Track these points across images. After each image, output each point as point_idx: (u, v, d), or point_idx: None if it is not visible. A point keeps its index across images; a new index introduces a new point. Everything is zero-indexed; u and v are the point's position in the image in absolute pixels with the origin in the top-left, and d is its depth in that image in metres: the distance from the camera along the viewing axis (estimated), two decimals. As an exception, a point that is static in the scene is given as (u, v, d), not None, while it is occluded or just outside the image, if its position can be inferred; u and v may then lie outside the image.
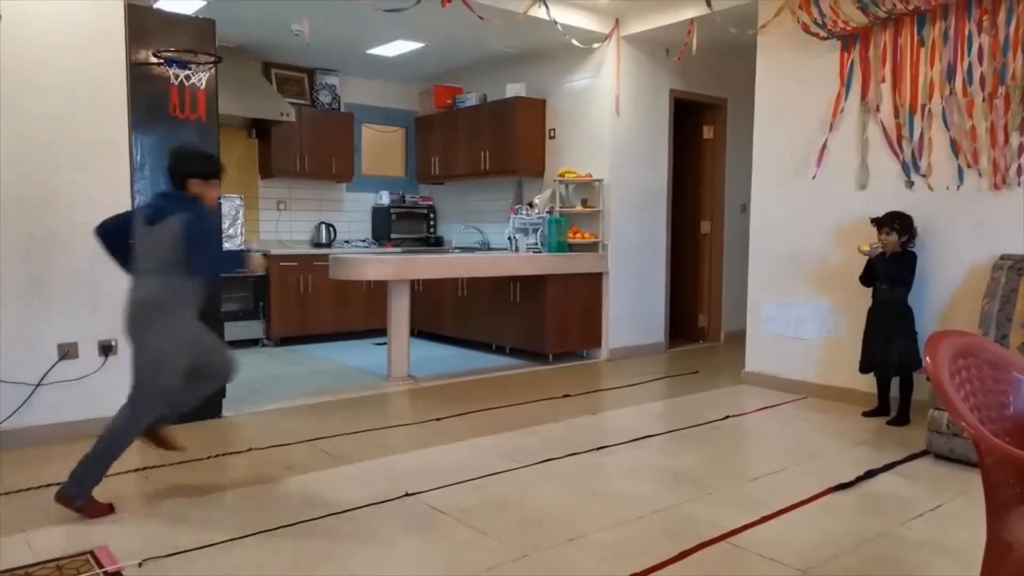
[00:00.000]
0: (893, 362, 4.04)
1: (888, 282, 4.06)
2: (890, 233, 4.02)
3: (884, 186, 4.41)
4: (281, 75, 6.96)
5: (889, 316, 4.07)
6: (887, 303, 4.09)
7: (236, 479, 3.24)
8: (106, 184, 3.78)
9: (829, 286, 4.67)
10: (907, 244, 4.04)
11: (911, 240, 4.05)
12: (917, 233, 4.07)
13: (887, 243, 4.02)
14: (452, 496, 2.99)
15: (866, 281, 4.21)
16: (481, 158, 6.83)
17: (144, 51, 3.90)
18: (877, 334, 4.11)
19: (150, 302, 2.80)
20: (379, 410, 4.53)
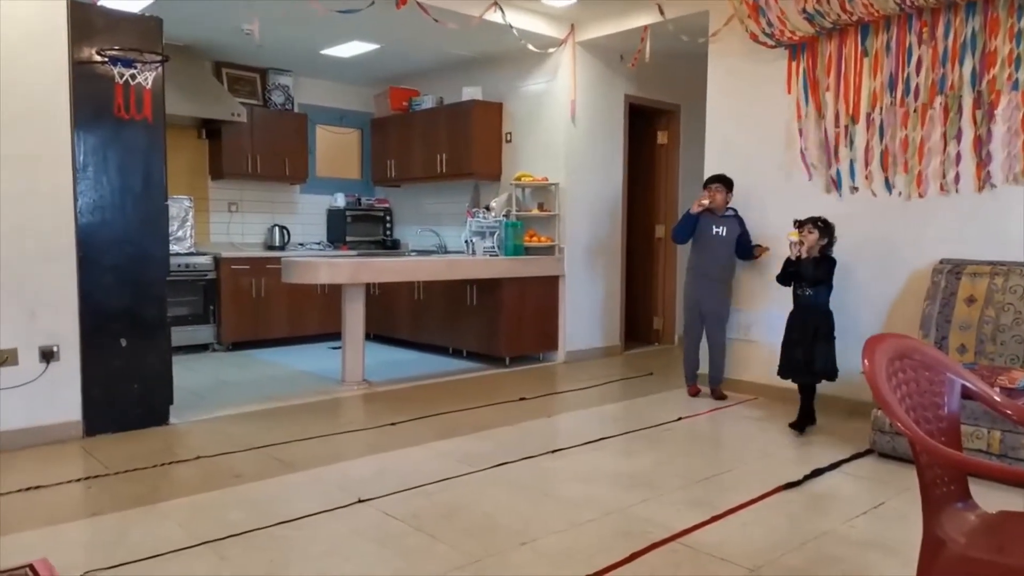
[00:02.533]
0: (817, 368, 4.01)
1: (812, 284, 4.04)
2: (812, 231, 4.02)
3: (826, 193, 4.53)
4: (232, 75, 6.84)
5: (812, 320, 4.05)
6: (810, 307, 4.07)
7: (183, 488, 3.16)
8: (47, 186, 3.66)
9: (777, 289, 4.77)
10: (826, 249, 4.06)
11: (830, 245, 4.08)
12: (836, 240, 4.11)
13: (808, 240, 4.01)
14: (405, 502, 2.97)
15: (784, 281, 4.22)
16: (438, 161, 6.80)
17: (88, 49, 3.78)
18: (799, 338, 4.07)
19: None
20: (332, 415, 4.48)
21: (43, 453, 3.53)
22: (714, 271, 4.82)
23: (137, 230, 3.97)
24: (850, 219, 4.36)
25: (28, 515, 2.80)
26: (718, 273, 4.83)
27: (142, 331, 3.98)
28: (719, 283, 4.86)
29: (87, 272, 3.80)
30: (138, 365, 3.96)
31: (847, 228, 4.31)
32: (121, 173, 3.91)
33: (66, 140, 3.71)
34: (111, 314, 3.88)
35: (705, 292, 4.83)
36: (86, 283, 3.79)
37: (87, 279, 3.80)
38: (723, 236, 4.76)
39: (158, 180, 4.05)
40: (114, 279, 3.90)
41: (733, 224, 4.79)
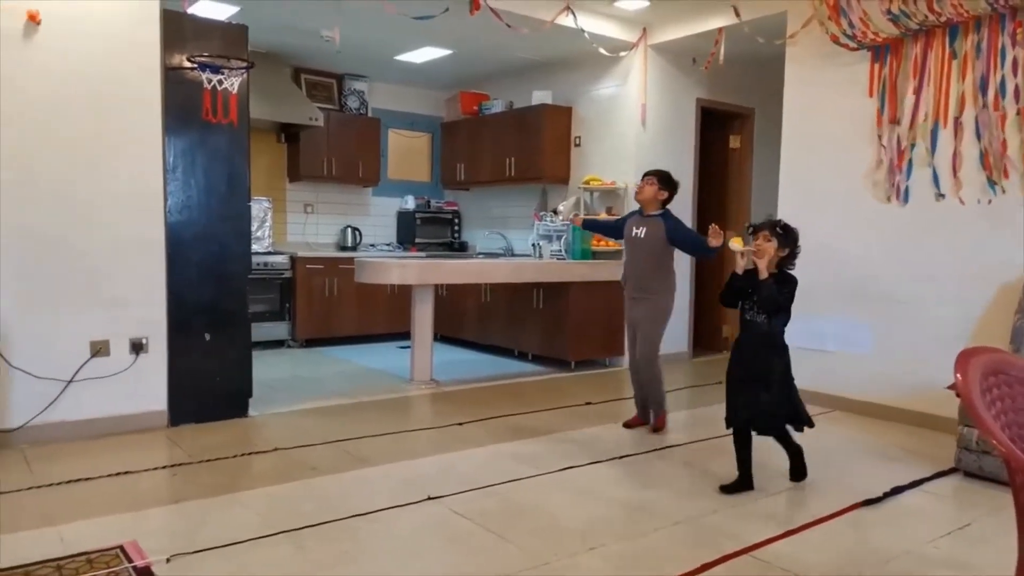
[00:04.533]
0: (767, 416, 3.16)
1: (764, 309, 3.11)
2: (769, 239, 3.09)
3: (914, 200, 4.36)
4: (311, 80, 7.06)
5: (764, 355, 3.14)
6: (763, 338, 3.16)
7: (261, 479, 3.28)
8: (141, 185, 3.86)
9: (856, 299, 4.62)
10: (787, 263, 3.15)
11: (791, 258, 3.15)
12: (798, 254, 3.16)
13: (763, 251, 3.08)
14: (473, 501, 3.00)
15: (728, 300, 3.30)
16: (506, 164, 6.85)
17: (178, 56, 3.97)
18: (746, 377, 3.18)
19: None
20: (402, 413, 4.56)
21: (131, 440, 3.72)
22: (631, 280, 4.14)
23: (221, 229, 4.14)
24: (933, 228, 4.19)
25: (118, 499, 2.96)
26: (635, 283, 4.11)
27: (224, 326, 4.15)
28: (637, 293, 4.10)
29: (175, 268, 3.99)
30: (220, 358, 4.13)
31: (929, 237, 4.13)
32: (207, 174, 4.09)
33: (158, 142, 3.91)
34: (196, 309, 4.05)
35: (629, 306, 4.17)
36: (174, 279, 3.98)
37: (174, 275, 3.99)
38: (640, 239, 4.05)
39: (242, 182, 4.22)
40: (199, 275, 4.08)
41: (656, 225, 4.01)
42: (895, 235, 4.43)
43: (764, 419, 3.17)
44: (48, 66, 3.58)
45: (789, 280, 3.14)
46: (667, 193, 4.06)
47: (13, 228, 3.51)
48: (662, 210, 4.07)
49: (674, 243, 4.02)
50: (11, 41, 3.49)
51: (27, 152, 3.55)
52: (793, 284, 3.14)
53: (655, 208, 4.06)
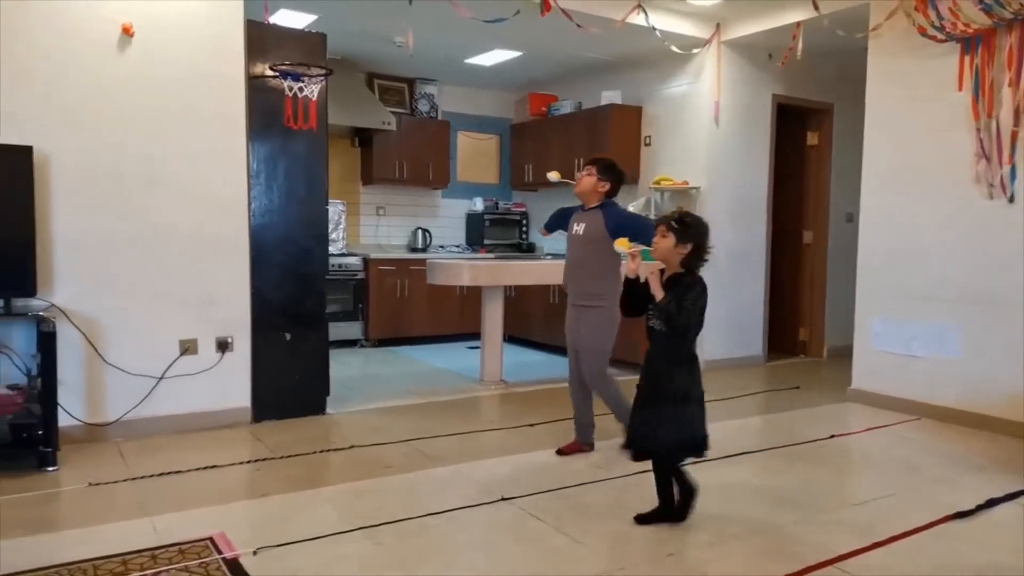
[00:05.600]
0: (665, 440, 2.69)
1: (664, 318, 2.63)
2: (666, 234, 2.64)
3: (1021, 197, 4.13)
4: (383, 85, 7.20)
5: (661, 369, 2.71)
6: (660, 349, 2.74)
7: (339, 475, 3.37)
8: (226, 190, 4.01)
9: (947, 302, 4.41)
10: (692, 263, 2.66)
11: (698, 259, 2.66)
12: (708, 251, 2.68)
13: (660, 248, 2.65)
14: (547, 503, 3.00)
15: (627, 308, 2.90)
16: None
17: (261, 65, 4.12)
18: (644, 394, 2.77)
19: None
20: (473, 413, 4.61)
21: (217, 435, 3.87)
22: (572, 284, 3.68)
23: (301, 232, 4.27)
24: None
25: (206, 492, 3.08)
26: (576, 287, 3.64)
27: (303, 326, 4.28)
28: (580, 299, 3.63)
29: (257, 270, 4.13)
30: (299, 357, 4.26)
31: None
32: (288, 179, 4.22)
33: (242, 148, 4.06)
34: (277, 309, 4.19)
35: (571, 315, 3.70)
36: (256, 280, 4.13)
37: (257, 276, 4.13)
38: (579, 236, 3.59)
39: (320, 186, 4.34)
40: (280, 277, 4.22)
41: (595, 219, 3.53)
42: (994, 233, 4.20)
43: (652, 443, 2.73)
44: (140, 76, 3.76)
45: (692, 285, 2.63)
46: (608, 183, 3.56)
47: (110, 231, 3.71)
48: (604, 201, 3.59)
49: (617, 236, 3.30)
50: (107, 53, 3.69)
51: (121, 158, 3.74)
52: (696, 289, 2.62)
53: (596, 201, 3.59)
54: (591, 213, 3.58)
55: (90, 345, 3.66)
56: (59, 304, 3.54)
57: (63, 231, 3.59)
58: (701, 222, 2.67)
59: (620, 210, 3.62)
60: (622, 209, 3.64)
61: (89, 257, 3.65)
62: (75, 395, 3.61)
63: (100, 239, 3.68)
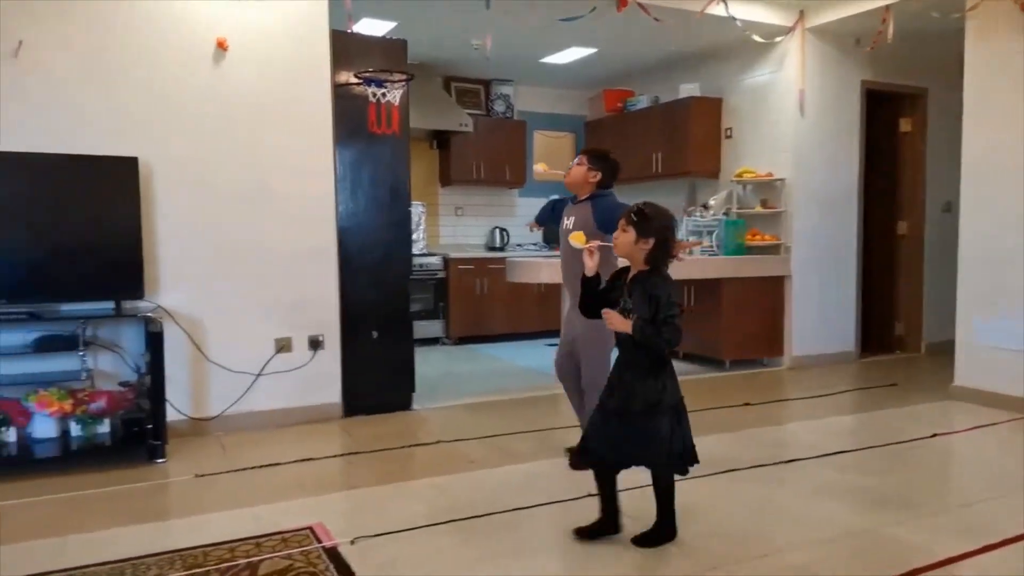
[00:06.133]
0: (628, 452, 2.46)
1: (644, 343, 2.41)
2: (626, 228, 2.43)
3: None
4: (460, 88, 7.30)
5: (627, 376, 2.47)
6: (628, 353, 2.50)
7: (426, 469, 3.44)
8: (316, 195, 4.16)
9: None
10: (657, 260, 2.41)
11: (664, 255, 2.42)
12: (672, 246, 2.44)
13: (620, 243, 2.44)
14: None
15: (586, 309, 2.62)
16: (653, 160, 6.74)
17: (345, 73, 4.25)
18: (607, 401, 2.52)
19: None
20: (553, 410, 4.61)
21: (310, 430, 4.02)
22: (567, 283, 3.46)
23: (385, 234, 4.39)
24: None
25: (302, 483, 3.21)
26: (571, 286, 3.31)
27: (389, 324, 4.40)
28: (573, 296, 3.25)
29: (345, 270, 4.28)
30: (386, 355, 4.38)
31: None
32: (372, 183, 4.35)
33: (329, 155, 4.20)
34: (364, 308, 4.32)
35: (567, 316, 3.48)
36: (345, 280, 4.27)
37: (345, 277, 4.28)
38: (568, 230, 3.30)
39: (403, 188, 4.45)
40: (367, 277, 4.34)
41: (584, 212, 3.29)
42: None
43: (615, 457, 2.48)
44: (234, 88, 3.95)
45: (659, 286, 2.37)
46: (599, 174, 3.32)
47: (208, 236, 3.91)
48: (597, 192, 3.35)
49: (605, 230, 3.06)
50: (203, 66, 3.89)
51: (217, 167, 3.94)
52: (663, 292, 2.35)
53: (587, 192, 3.36)
54: (581, 205, 3.36)
55: (193, 344, 3.86)
56: (165, 306, 3.75)
57: (166, 237, 3.81)
58: (664, 213, 2.44)
59: (610, 202, 3.29)
60: (613, 201, 3.31)
61: (190, 261, 3.86)
62: (180, 391, 3.82)
63: (199, 244, 3.89)
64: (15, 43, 3.48)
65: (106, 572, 2.33)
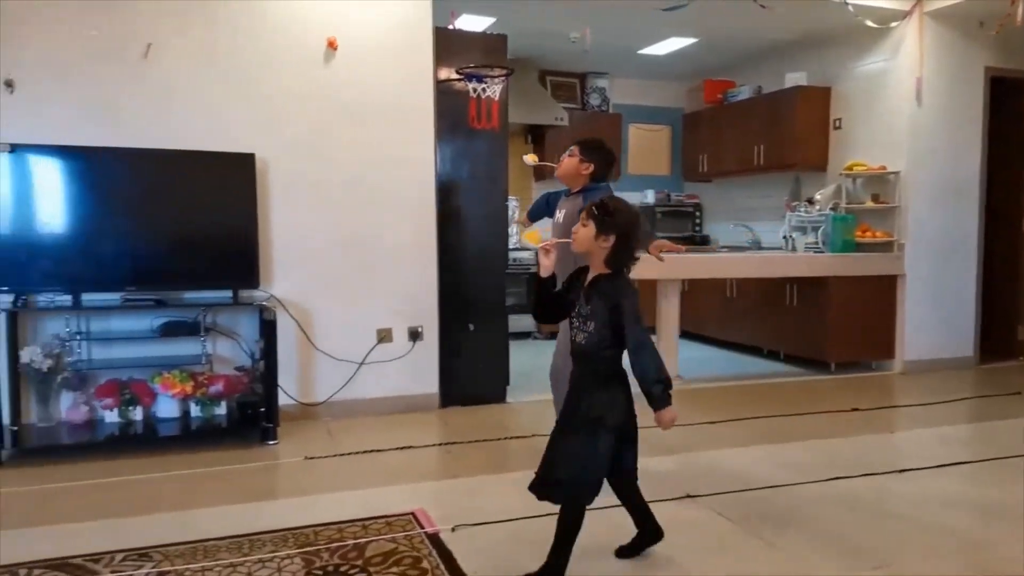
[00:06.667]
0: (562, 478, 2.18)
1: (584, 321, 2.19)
2: (586, 222, 2.18)
3: None
4: (555, 82, 7.29)
5: (579, 385, 2.25)
6: (582, 359, 2.25)
7: (522, 462, 3.45)
8: (418, 189, 4.26)
9: None
10: (618, 260, 2.16)
11: (626, 256, 2.16)
12: (636, 247, 2.19)
13: (579, 239, 2.19)
14: (736, 503, 2.91)
15: (539, 313, 2.37)
16: (754, 153, 6.53)
17: (447, 68, 4.33)
18: (562, 416, 2.33)
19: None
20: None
21: (410, 418, 4.14)
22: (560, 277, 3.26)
23: (483, 227, 4.45)
24: None
25: (404, 470, 3.30)
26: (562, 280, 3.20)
27: (485, 317, 4.47)
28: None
29: (444, 263, 4.36)
30: (481, 347, 4.45)
31: None
32: (471, 177, 4.42)
33: (431, 149, 4.29)
34: (461, 301, 4.40)
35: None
36: (443, 273, 4.36)
37: (444, 269, 4.36)
38: (559, 224, 3.17)
39: (500, 183, 4.50)
40: (464, 270, 4.42)
41: (576, 206, 3.06)
42: None
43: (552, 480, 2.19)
44: (343, 86, 4.09)
45: (622, 293, 2.11)
46: (592, 164, 3.13)
47: (317, 230, 4.07)
48: (589, 185, 3.16)
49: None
50: (314, 65, 4.04)
51: (326, 163, 4.09)
52: (627, 303, 2.09)
53: (580, 185, 3.19)
54: (573, 198, 3.19)
55: (302, 332, 4.04)
56: (277, 295, 3.94)
57: (279, 230, 3.99)
58: (628, 209, 2.18)
59: (604, 194, 3.06)
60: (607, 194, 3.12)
61: (300, 252, 4.04)
62: (290, 377, 4.00)
63: (309, 236, 4.05)
64: (144, 46, 3.73)
65: (226, 545, 2.47)
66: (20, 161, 3.43)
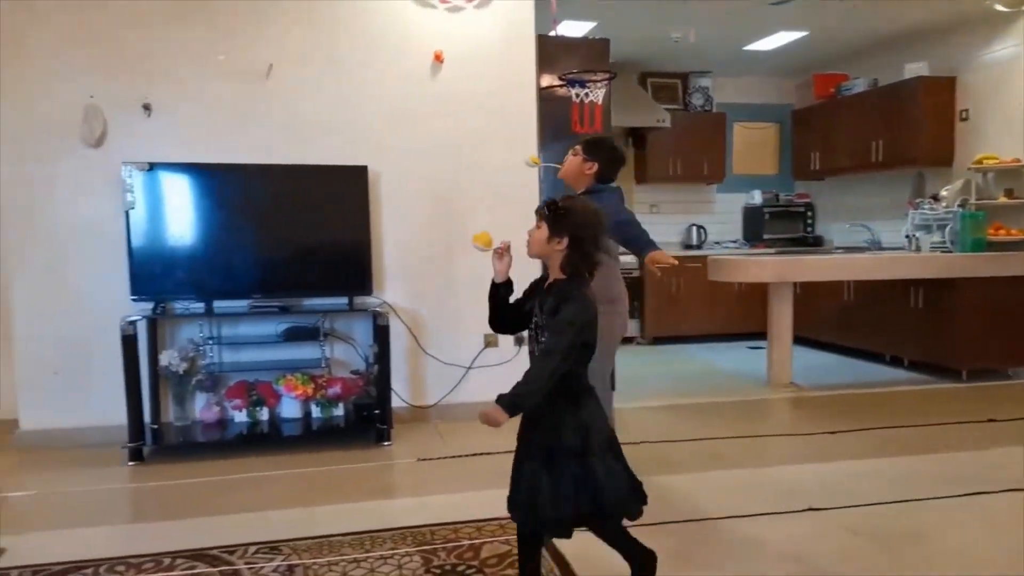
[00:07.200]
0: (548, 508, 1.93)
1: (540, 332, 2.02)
2: (539, 223, 1.99)
3: None
4: (656, 83, 7.19)
5: (545, 409, 1.98)
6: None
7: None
8: (520, 196, 4.29)
9: None
10: (574, 265, 1.94)
11: (581, 261, 1.93)
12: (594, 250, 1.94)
13: (533, 241, 2.00)
14: (862, 518, 2.76)
15: (496, 323, 2.19)
16: (872, 149, 6.20)
17: (550, 75, 4.35)
18: (526, 444, 2.07)
19: None
20: (761, 417, 4.41)
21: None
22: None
23: (587, 232, 4.42)
24: None
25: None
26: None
27: (590, 323, 4.43)
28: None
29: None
30: (587, 353, 4.42)
31: None
32: (576, 182, 4.41)
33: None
34: (566, 307, 4.39)
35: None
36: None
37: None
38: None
39: (605, 186, 4.46)
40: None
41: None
42: None
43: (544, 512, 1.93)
44: (448, 99, 4.18)
45: (569, 300, 1.89)
46: (595, 164, 2.97)
47: (425, 238, 4.18)
48: (594, 187, 2.99)
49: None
50: (421, 78, 4.16)
51: (433, 171, 4.19)
52: (568, 310, 1.87)
53: (584, 186, 3.02)
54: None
55: (412, 337, 4.16)
56: (389, 301, 4.08)
57: (390, 238, 4.13)
58: (584, 210, 1.95)
59: (609, 195, 2.96)
60: (609, 197, 2.95)
61: (410, 260, 4.16)
62: (401, 380, 4.12)
63: (418, 243, 4.17)
64: (266, 67, 3.95)
65: (348, 541, 2.58)
66: (157, 179, 3.71)
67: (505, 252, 2.10)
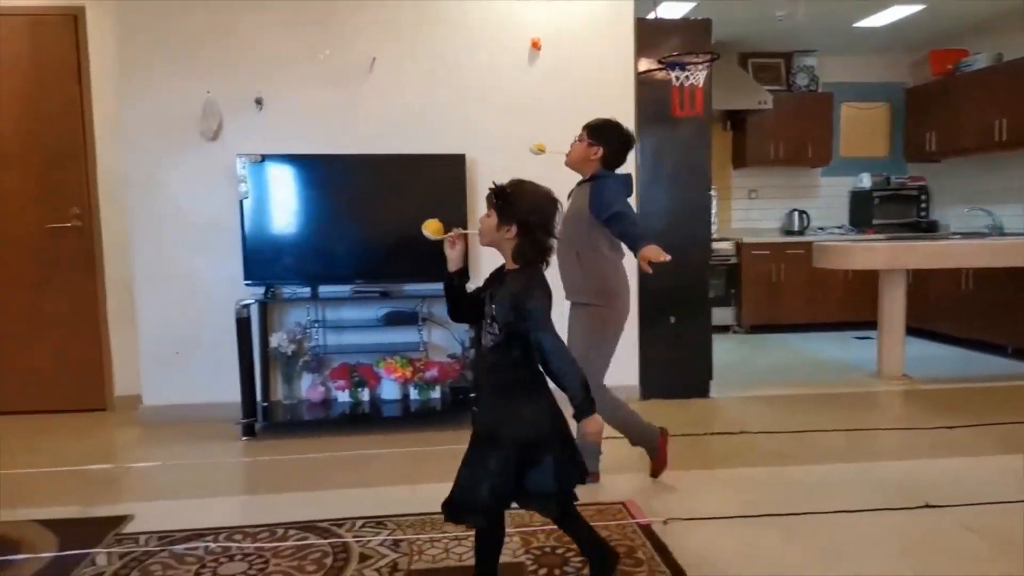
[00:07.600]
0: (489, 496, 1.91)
1: (501, 326, 1.91)
2: (489, 211, 1.92)
3: None
4: (757, 63, 6.94)
5: (493, 400, 1.99)
6: (493, 370, 2.00)
7: (732, 459, 3.35)
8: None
9: None
10: (524, 254, 1.89)
11: (532, 249, 1.88)
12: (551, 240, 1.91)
13: (484, 230, 1.93)
14: (983, 517, 2.60)
15: (455, 312, 2.11)
16: (995, 128, 5.77)
17: (649, 58, 4.27)
18: (476, 434, 2.03)
19: None
20: (871, 409, 4.22)
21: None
22: (561, 273, 2.88)
23: (684, 218, 4.35)
24: None
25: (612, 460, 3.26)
26: (566, 279, 2.89)
27: (687, 310, 4.37)
28: (571, 295, 2.92)
29: (645, 256, 4.31)
30: (683, 341, 4.36)
31: None
32: (673, 167, 4.34)
33: (631, 141, 4.26)
34: (663, 293, 4.33)
35: (570, 313, 2.95)
36: (644, 266, 4.31)
37: (645, 262, 4.31)
38: (565, 216, 2.56)
39: (703, 172, 4.38)
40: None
41: (582, 195, 2.84)
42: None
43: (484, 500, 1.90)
44: (546, 85, 4.18)
45: (530, 294, 1.83)
46: (602, 149, 2.86)
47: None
48: (599, 173, 2.88)
49: (601, 219, 2.76)
50: (519, 66, 4.18)
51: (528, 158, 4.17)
52: (535, 306, 1.82)
53: (590, 172, 2.91)
54: (582, 188, 2.92)
55: (508, 323, 4.20)
56: (484, 287, 4.13)
57: (486, 225, 4.18)
58: (535, 195, 1.90)
59: (608, 183, 2.84)
60: (613, 182, 2.85)
61: (505, 246, 4.19)
62: (496, 366, 4.17)
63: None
64: (369, 61, 4.07)
65: (449, 520, 2.64)
66: (267, 170, 3.89)
67: (456, 242, 2.03)
